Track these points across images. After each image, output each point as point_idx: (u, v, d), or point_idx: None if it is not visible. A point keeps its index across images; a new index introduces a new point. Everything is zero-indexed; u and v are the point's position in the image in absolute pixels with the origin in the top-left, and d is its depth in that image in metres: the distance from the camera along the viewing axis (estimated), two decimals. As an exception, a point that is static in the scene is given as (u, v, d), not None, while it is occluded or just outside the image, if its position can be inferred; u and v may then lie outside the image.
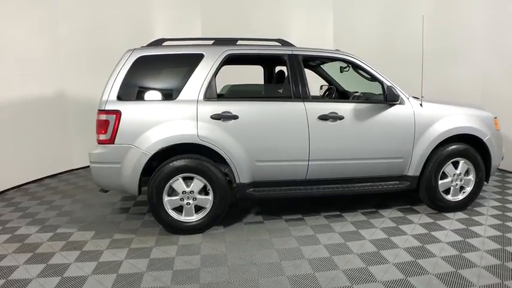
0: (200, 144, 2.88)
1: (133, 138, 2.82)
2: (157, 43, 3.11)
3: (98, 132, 2.84)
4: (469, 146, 3.27)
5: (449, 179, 3.30)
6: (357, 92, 3.67)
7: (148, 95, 2.93)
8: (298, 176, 3.10)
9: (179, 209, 2.99)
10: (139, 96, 2.91)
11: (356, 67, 3.24)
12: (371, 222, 3.19)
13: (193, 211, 2.99)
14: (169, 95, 2.91)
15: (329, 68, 4.16)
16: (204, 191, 2.98)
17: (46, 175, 4.83)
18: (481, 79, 4.86)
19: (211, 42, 3.20)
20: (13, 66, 4.30)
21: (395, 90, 3.03)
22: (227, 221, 3.22)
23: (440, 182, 3.28)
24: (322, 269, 2.43)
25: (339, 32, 6.43)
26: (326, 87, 4.10)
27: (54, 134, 4.91)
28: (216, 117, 2.89)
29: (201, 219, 2.99)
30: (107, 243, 2.84)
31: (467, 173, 3.35)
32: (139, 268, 2.47)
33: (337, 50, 3.50)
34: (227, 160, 2.93)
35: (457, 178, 3.31)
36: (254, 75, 4.26)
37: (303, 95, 3.05)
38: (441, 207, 3.34)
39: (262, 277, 2.34)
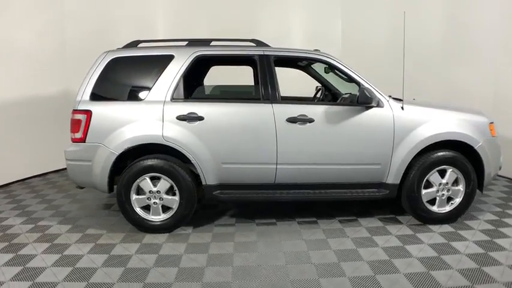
0: (166, 145, 2.90)
1: (103, 137, 2.91)
2: (133, 45, 3.19)
3: (72, 131, 2.97)
4: (458, 154, 3.01)
5: (434, 189, 3.07)
6: (348, 93, 3.50)
7: (119, 95, 3.02)
8: (267, 179, 3.04)
9: (148, 208, 3.03)
10: (110, 96, 3.00)
11: (333, 68, 3.10)
12: (344, 231, 3.05)
13: (160, 211, 3.03)
14: (138, 96, 2.98)
15: (321, 69, 4.03)
16: (171, 191, 3.00)
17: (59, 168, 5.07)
18: (494, 80, 4.45)
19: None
20: (22, 66, 4.61)
21: (368, 92, 2.86)
22: (197, 222, 3.22)
23: (424, 191, 3.05)
24: (272, 277, 2.35)
25: (347, 31, 6.20)
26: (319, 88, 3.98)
27: (60, 132, 5.20)
28: (181, 118, 2.91)
29: (167, 219, 3.03)
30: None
31: (456, 182, 3.08)
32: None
33: (316, 50, 3.38)
34: (192, 161, 2.94)
35: (444, 188, 3.06)
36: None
37: (271, 97, 2.98)
38: (426, 218, 3.11)
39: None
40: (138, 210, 3.01)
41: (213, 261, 2.56)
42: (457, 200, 3.11)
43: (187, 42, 3.20)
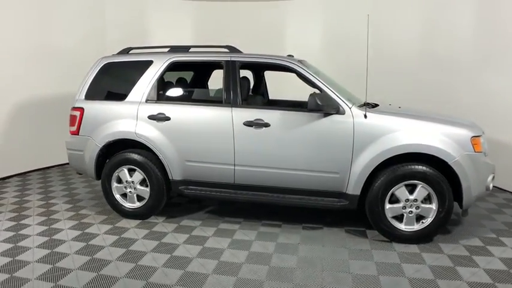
0: (138, 141, 3.26)
1: (91, 131, 3.40)
2: (125, 51, 3.63)
3: (70, 125, 3.52)
4: (430, 169, 2.76)
5: (400, 204, 2.86)
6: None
7: (106, 95, 3.47)
8: (227, 179, 3.19)
9: (126, 196, 3.43)
10: (100, 96, 3.47)
11: (298, 75, 3.10)
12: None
13: (135, 199, 3.40)
14: (121, 97, 3.39)
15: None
16: (145, 183, 3.35)
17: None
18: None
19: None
20: (67, 68, 5.42)
21: (320, 98, 2.80)
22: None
23: (388, 206, 2.87)
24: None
25: (376, 34, 5.90)
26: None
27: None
28: (152, 117, 3.23)
29: (139, 207, 3.39)
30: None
31: (429, 200, 2.83)
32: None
33: (289, 55, 3.40)
34: (159, 157, 3.24)
35: (411, 205, 2.84)
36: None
37: (232, 101, 3.12)
38: (391, 235, 2.92)
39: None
40: (118, 197, 3.44)
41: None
42: (429, 220, 2.84)
43: (169, 48, 3.51)
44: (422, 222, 2.88)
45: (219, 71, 3.72)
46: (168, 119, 3.21)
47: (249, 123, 3.03)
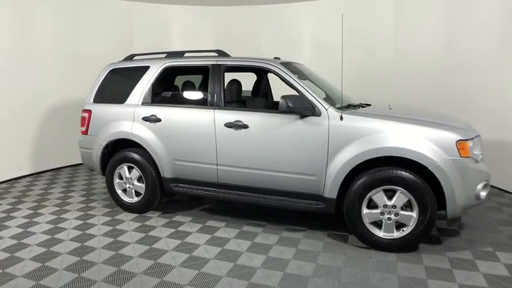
0: (134, 140, 3.55)
1: (97, 131, 3.77)
2: (129, 57, 3.96)
3: (80, 126, 3.94)
4: (411, 174, 2.63)
5: (378, 210, 2.77)
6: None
7: (110, 99, 3.81)
8: (211, 178, 3.34)
9: (126, 191, 3.75)
10: (106, 99, 3.83)
11: (278, 76, 3.14)
12: (287, 242, 3.04)
13: (134, 195, 3.70)
14: (121, 100, 3.71)
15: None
16: (141, 179, 3.64)
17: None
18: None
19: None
20: (98, 74, 5.98)
21: (292, 100, 2.81)
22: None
23: (366, 211, 2.80)
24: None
25: (400, 32, 5.67)
26: None
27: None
28: (145, 119, 3.50)
29: (137, 202, 3.68)
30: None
31: (410, 207, 2.70)
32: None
33: (276, 58, 3.45)
34: (152, 156, 3.49)
35: (390, 211, 2.73)
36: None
37: (216, 103, 3.26)
38: (369, 242, 2.83)
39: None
40: (119, 192, 3.77)
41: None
42: (409, 228, 2.71)
43: (166, 54, 3.76)
44: (403, 230, 2.74)
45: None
46: (159, 120, 3.44)
47: (229, 125, 3.15)
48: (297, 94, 2.98)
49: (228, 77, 3.50)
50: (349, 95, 3.96)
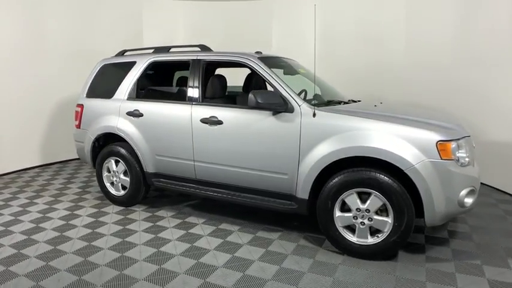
0: (119, 135, 3.63)
1: (88, 125, 3.90)
2: (121, 53, 4.04)
3: (74, 119, 4.09)
4: (386, 176, 2.47)
5: (351, 214, 2.62)
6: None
7: (101, 93, 3.92)
8: (189, 174, 3.33)
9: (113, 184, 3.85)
10: (97, 94, 3.94)
11: (255, 71, 3.05)
12: (260, 242, 2.99)
13: (120, 188, 3.79)
14: (110, 94, 3.80)
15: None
16: (127, 173, 3.71)
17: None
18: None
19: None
20: None
21: (258, 96, 2.71)
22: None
23: (338, 214, 2.66)
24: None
25: (411, 25, 5.35)
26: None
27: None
28: (129, 113, 3.57)
29: (123, 195, 3.77)
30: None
31: (386, 211, 2.53)
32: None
33: (258, 52, 3.36)
34: (135, 150, 3.55)
35: (363, 215, 2.57)
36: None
37: (193, 98, 3.24)
38: (342, 247, 2.69)
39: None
40: (108, 185, 3.87)
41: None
42: (385, 234, 2.53)
43: (153, 49, 3.79)
44: (377, 236, 2.57)
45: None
46: (141, 115, 3.49)
47: (205, 121, 3.12)
48: (272, 90, 2.88)
49: (229, 74, 3.43)
50: (340, 91, 3.79)
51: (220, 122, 3.05)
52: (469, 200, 2.47)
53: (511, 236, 3.01)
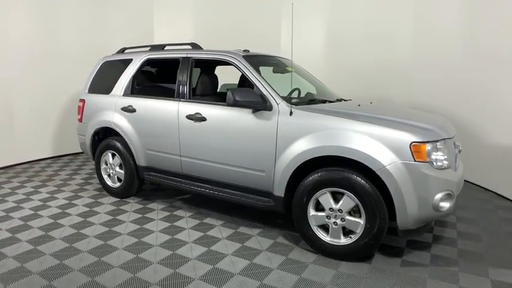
0: (115, 129, 3.80)
1: (89, 119, 4.11)
2: (121, 51, 4.22)
3: (77, 114, 4.32)
4: (358, 176, 2.46)
5: (324, 213, 2.63)
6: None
7: (100, 89, 4.11)
8: (177, 169, 3.45)
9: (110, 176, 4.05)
10: (97, 90, 4.14)
11: (238, 70, 3.11)
12: (238, 237, 3.07)
13: (116, 180, 3.98)
14: (108, 90, 3.98)
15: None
16: (122, 166, 3.89)
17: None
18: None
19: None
20: None
21: (236, 94, 2.76)
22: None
23: (312, 213, 2.68)
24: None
25: (419, 24, 5.22)
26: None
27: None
28: (124, 109, 3.73)
29: (118, 187, 3.95)
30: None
31: (359, 212, 2.52)
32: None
33: (245, 50, 3.41)
34: (128, 144, 3.71)
35: (336, 215, 2.58)
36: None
37: (181, 95, 3.35)
38: (316, 246, 2.71)
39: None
40: (105, 177, 4.07)
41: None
42: (357, 235, 2.53)
43: (149, 47, 3.94)
44: (350, 237, 2.56)
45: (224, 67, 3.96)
46: (134, 110, 3.64)
47: (190, 117, 3.21)
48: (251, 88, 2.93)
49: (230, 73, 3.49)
50: (332, 89, 3.77)
51: (204, 119, 3.13)
52: (445, 205, 2.41)
53: (500, 245, 2.89)
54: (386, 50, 5.54)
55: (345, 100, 3.48)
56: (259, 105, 2.82)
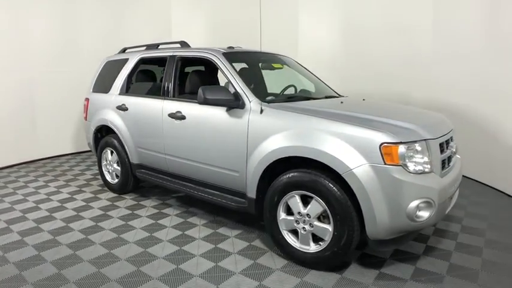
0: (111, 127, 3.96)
1: (92, 117, 4.32)
2: (122, 50, 4.38)
3: (83, 112, 4.56)
4: (326, 180, 2.30)
5: (293, 218, 2.52)
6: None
7: (102, 88, 4.29)
8: (163, 167, 3.51)
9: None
10: (100, 89, 4.33)
11: (217, 67, 3.07)
12: (211, 239, 3.06)
13: (115, 176, 4.14)
14: (107, 89, 4.14)
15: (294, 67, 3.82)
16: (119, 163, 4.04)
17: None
18: None
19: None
20: None
21: (206, 92, 2.70)
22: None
23: (282, 216, 2.57)
24: None
25: (439, 15, 4.81)
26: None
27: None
28: (118, 107, 3.87)
29: (115, 183, 4.11)
30: None
31: (328, 218, 2.38)
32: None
33: (230, 47, 3.36)
34: (122, 142, 3.84)
35: (305, 220, 2.45)
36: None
37: (166, 93, 3.39)
38: (286, 252, 2.60)
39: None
40: (106, 174, 4.25)
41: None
42: (326, 243, 2.38)
43: (145, 47, 4.04)
44: (319, 244, 2.42)
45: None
46: (126, 109, 3.75)
47: (172, 115, 3.24)
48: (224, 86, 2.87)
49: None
50: (329, 86, 3.63)
51: (184, 117, 3.14)
52: (423, 214, 2.17)
53: (501, 266, 2.55)
54: (405, 43, 5.16)
55: (336, 97, 3.29)
56: (231, 103, 2.75)
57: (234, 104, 2.76)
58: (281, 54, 3.95)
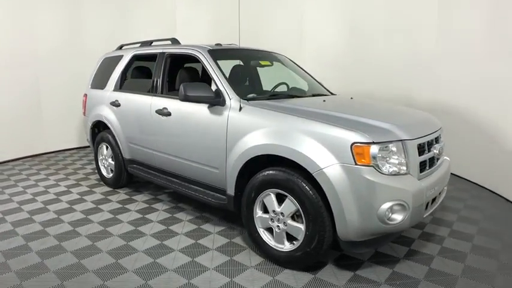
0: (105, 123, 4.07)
1: (89, 113, 4.45)
2: (119, 47, 4.48)
3: (82, 108, 4.70)
4: (298, 178, 2.31)
5: (268, 216, 2.53)
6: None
7: (99, 85, 4.40)
8: (153, 163, 3.58)
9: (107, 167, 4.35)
10: (97, 85, 4.44)
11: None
12: (193, 235, 3.11)
13: (110, 171, 4.26)
14: (103, 85, 4.25)
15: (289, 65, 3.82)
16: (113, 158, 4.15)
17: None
18: None
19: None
20: None
21: (187, 89, 2.74)
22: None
23: (259, 214, 2.60)
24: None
25: (444, 23, 4.69)
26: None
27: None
28: (112, 103, 3.97)
29: (110, 178, 4.22)
30: None
31: (301, 217, 2.39)
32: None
33: (218, 44, 3.39)
34: (115, 137, 3.94)
35: (279, 218, 2.47)
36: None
37: (155, 89, 3.45)
38: (263, 250, 2.63)
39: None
40: (102, 168, 4.38)
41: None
42: (299, 242, 2.38)
43: (140, 43, 4.12)
44: (293, 243, 2.42)
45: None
46: (119, 105, 3.84)
47: (159, 112, 3.30)
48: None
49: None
50: (321, 84, 3.61)
51: (169, 114, 3.19)
52: (396, 217, 2.14)
53: (482, 271, 2.48)
54: (409, 43, 5.04)
55: (324, 95, 3.27)
56: (212, 100, 2.78)
57: (215, 101, 2.79)
58: (275, 52, 3.94)
